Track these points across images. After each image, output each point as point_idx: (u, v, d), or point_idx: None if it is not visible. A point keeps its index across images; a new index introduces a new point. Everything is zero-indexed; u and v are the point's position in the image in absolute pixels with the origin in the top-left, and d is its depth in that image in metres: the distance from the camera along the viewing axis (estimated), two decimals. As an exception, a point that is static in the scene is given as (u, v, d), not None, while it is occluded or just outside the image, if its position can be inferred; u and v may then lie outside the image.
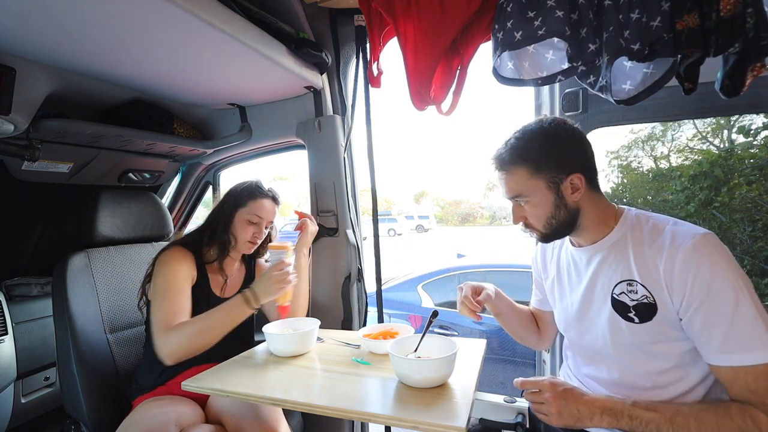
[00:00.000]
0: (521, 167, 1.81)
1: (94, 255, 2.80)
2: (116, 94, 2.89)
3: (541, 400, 1.79)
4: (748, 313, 1.48)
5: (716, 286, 1.52)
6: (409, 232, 43.35)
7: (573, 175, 1.77)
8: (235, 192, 2.74)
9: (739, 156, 5.42)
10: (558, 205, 1.81)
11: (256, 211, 2.67)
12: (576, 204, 1.82)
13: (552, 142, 1.79)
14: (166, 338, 2.24)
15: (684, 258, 1.58)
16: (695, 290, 1.56)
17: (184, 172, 4.03)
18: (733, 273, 1.53)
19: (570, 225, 1.86)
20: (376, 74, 2.93)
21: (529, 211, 1.87)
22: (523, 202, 1.87)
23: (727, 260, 1.55)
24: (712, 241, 1.58)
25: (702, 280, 1.54)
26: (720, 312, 1.52)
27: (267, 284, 2.31)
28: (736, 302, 1.49)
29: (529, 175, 1.80)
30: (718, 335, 1.52)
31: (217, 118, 3.64)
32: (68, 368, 2.53)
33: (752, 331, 1.47)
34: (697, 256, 1.56)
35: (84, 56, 2.28)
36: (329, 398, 1.74)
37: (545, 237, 1.92)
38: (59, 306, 2.60)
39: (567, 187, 1.78)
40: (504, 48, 2.10)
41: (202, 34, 2.10)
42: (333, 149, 3.20)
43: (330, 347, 2.43)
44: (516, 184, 1.84)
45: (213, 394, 1.95)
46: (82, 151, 2.98)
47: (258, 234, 2.70)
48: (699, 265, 1.55)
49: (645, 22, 1.78)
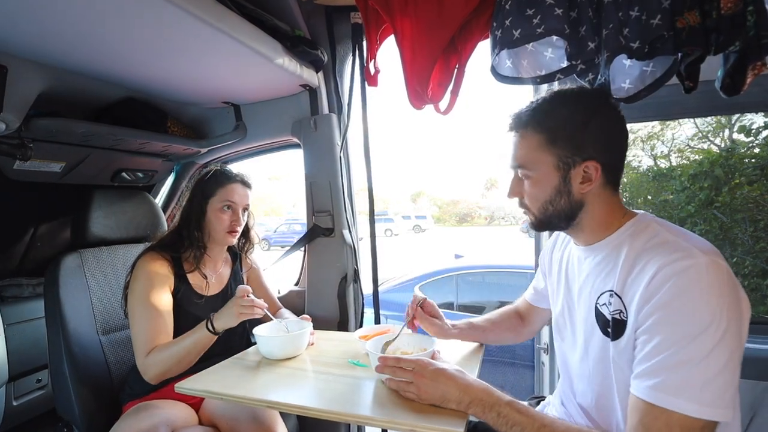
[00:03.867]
0: (536, 133, 1.63)
1: (86, 255, 2.79)
2: (109, 93, 2.89)
3: (407, 378, 1.69)
4: (710, 361, 1.28)
5: (689, 310, 1.31)
6: (406, 232, 43.34)
7: (590, 161, 1.57)
8: (202, 184, 2.68)
9: (740, 155, 5.43)
10: (560, 191, 1.63)
11: (227, 197, 2.61)
12: (581, 197, 1.63)
13: (582, 116, 1.59)
14: (144, 363, 2.27)
15: (669, 272, 1.37)
16: (661, 302, 1.37)
17: (178, 171, 4.01)
18: (721, 309, 1.30)
19: (567, 218, 1.68)
20: (372, 72, 2.93)
21: (528, 189, 1.70)
22: (524, 176, 1.70)
23: (722, 293, 1.31)
24: (715, 268, 1.34)
25: (675, 296, 1.34)
26: (676, 339, 1.32)
27: (228, 314, 2.27)
28: (705, 342, 1.28)
29: (540, 144, 1.62)
30: (661, 363, 1.33)
31: (211, 116, 3.64)
32: (60, 370, 2.53)
33: (701, 380, 1.27)
34: (687, 275, 1.34)
35: (77, 54, 2.28)
36: (325, 401, 1.74)
37: (538, 223, 1.74)
38: (51, 307, 2.60)
39: (578, 173, 1.59)
40: (502, 46, 2.10)
41: (196, 32, 2.10)
42: (329, 148, 3.20)
43: (326, 348, 2.43)
44: (523, 151, 1.67)
45: (207, 396, 1.95)
46: (75, 150, 2.98)
47: (236, 221, 2.64)
48: (682, 281, 1.34)
49: (645, 20, 1.78)
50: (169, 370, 2.26)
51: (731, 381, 1.30)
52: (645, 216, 1.64)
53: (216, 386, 1.93)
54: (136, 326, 2.33)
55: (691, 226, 5.77)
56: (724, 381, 1.28)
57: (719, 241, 5.58)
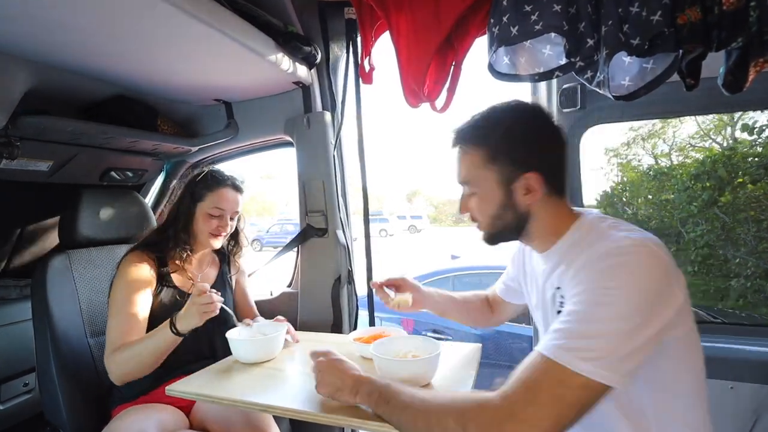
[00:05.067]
0: (477, 150, 1.68)
1: (74, 256, 2.78)
2: (98, 90, 2.87)
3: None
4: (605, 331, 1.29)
5: (608, 285, 1.35)
6: (402, 232, 43.24)
7: (530, 173, 1.61)
8: (192, 185, 2.69)
9: (742, 154, 5.44)
10: (505, 205, 1.67)
11: (216, 203, 2.62)
12: (527, 208, 1.67)
13: (516, 130, 1.64)
14: (108, 361, 2.26)
15: (595, 257, 1.43)
16: (583, 279, 1.43)
17: (169, 170, 3.98)
18: (642, 289, 1.33)
19: (517, 230, 1.73)
20: (367, 70, 2.92)
21: (475, 205, 1.75)
22: (470, 192, 1.75)
23: (645, 279, 1.34)
24: (642, 250, 1.39)
25: (597, 273, 1.40)
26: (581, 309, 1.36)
27: (189, 313, 2.22)
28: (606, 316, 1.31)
29: (482, 162, 1.66)
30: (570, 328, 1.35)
31: (202, 114, 3.63)
32: (48, 374, 2.51)
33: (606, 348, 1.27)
34: (609, 258, 1.40)
35: (65, 50, 2.27)
36: (318, 404, 1.73)
37: (488, 237, 1.79)
38: (38, 309, 2.58)
39: (520, 186, 1.63)
40: (500, 43, 2.10)
41: (187, 27, 2.08)
42: (322, 147, 3.19)
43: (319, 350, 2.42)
44: (466, 169, 1.72)
45: (198, 399, 1.94)
46: (63, 149, 2.95)
47: (222, 227, 2.65)
48: (605, 261, 1.40)
49: (645, 16, 1.77)
50: (132, 372, 2.25)
51: (633, 355, 1.31)
52: (590, 214, 1.71)
53: (208, 389, 1.93)
54: (109, 324, 2.34)
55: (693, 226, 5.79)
56: (626, 354, 1.29)
57: (721, 242, 5.59)
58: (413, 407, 1.46)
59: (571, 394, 1.27)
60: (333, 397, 1.66)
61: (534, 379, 1.32)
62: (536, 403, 1.28)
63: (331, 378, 1.67)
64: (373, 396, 1.56)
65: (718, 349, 2.54)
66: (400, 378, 1.77)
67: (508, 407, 1.31)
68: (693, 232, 5.76)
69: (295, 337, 2.59)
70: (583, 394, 1.28)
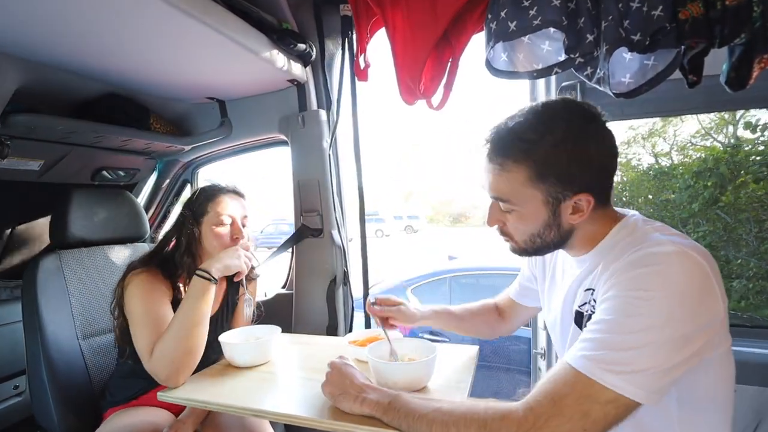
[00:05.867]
0: (520, 166, 1.48)
1: (66, 257, 2.76)
2: (90, 88, 2.86)
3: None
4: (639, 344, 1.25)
5: (645, 294, 1.28)
6: (398, 232, 43.20)
7: (582, 195, 1.48)
8: (189, 204, 2.52)
9: (745, 153, 5.43)
10: (550, 225, 1.56)
11: (221, 211, 2.42)
12: (571, 226, 1.57)
13: (572, 143, 1.45)
14: (153, 362, 2.07)
15: (633, 260, 1.38)
16: (618, 284, 1.37)
17: (161, 169, 3.99)
18: (681, 301, 1.26)
19: (556, 246, 1.64)
20: (363, 67, 2.92)
21: (512, 221, 1.61)
22: (508, 209, 1.59)
23: (686, 283, 1.28)
24: (685, 258, 1.31)
25: (627, 281, 1.34)
26: (615, 318, 1.31)
27: (230, 256, 2.27)
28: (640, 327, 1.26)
29: (527, 179, 1.48)
30: (602, 340, 1.30)
31: (195, 113, 3.62)
32: (38, 376, 2.50)
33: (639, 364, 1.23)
34: (646, 263, 1.34)
35: (55, 47, 2.26)
36: (314, 409, 1.72)
37: (521, 251, 1.68)
38: (29, 310, 2.57)
39: (568, 206, 1.51)
40: (497, 39, 2.08)
41: (180, 24, 2.08)
42: (317, 146, 3.19)
43: (314, 354, 2.41)
44: (505, 185, 1.54)
45: (191, 405, 1.93)
46: (54, 148, 2.95)
47: (237, 231, 2.45)
48: (644, 267, 1.34)
49: (646, 12, 1.77)
50: (177, 359, 2.06)
51: (667, 373, 1.26)
52: (633, 216, 1.61)
53: (200, 394, 1.92)
54: (138, 334, 2.17)
55: (694, 226, 5.78)
56: (660, 371, 1.25)
57: (723, 242, 5.59)
58: (428, 416, 1.42)
59: (598, 409, 1.24)
60: (335, 401, 1.65)
61: (560, 391, 1.29)
62: (561, 416, 1.26)
63: (339, 379, 1.68)
64: (381, 404, 1.54)
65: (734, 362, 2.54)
66: (395, 381, 1.78)
67: (532, 419, 1.28)
68: (694, 233, 5.76)
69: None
70: (611, 409, 1.25)
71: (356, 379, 1.66)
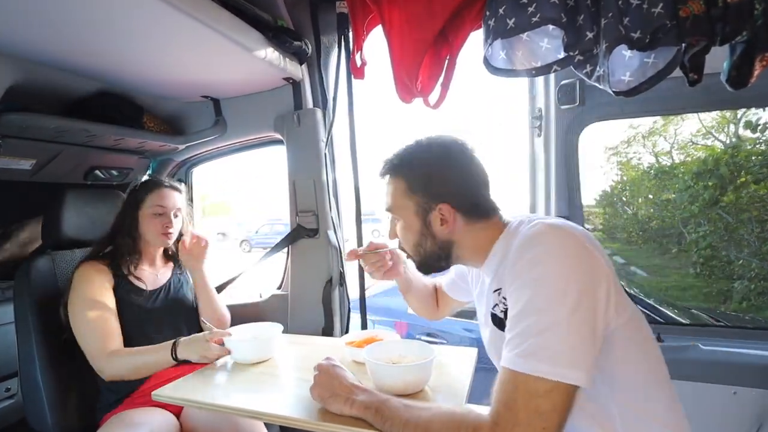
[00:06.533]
0: (400, 180, 1.79)
1: (58, 258, 2.75)
2: (82, 87, 2.85)
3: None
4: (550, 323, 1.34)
5: (531, 277, 1.42)
6: (396, 233, 43.10)
7: (442, 204, 1.70)
8: (132, 194, 2.80)
9: (746, 152, 5.43)
10: (424, 234, 1.77)
11: (156, 202, 2.70)
12: (447, 236, 1.75)
13: (429, 163, 1.74)
14: (106, 364, 2.35)
15: (518, 246, 1.52)
16: (515, 273, 1.48)
17: (155, 169, 3.96)
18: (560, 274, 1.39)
19: (442, 258, 1.81)
20: (359, 65, 2.90)
21: (399, 232, 1.86)
22: (395, 220, 1.87)
23: (565, 256, 1.42)
24: (555, 232, 1.48)
25: (520, 268, 1.46)
26: (523, 306, 1.41)
27: (191, 347, 2.33)
28: (545, 304, 1.36)
29: (403, 192, 1.77)
30: (521, 332, 1.38)
31: (189, 111, 3.61)
32: (31, 379, 2.49)
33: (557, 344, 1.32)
34: (529, 243, 1.48)
35: (47, 45, 2.25)
36: (309, 410, 1.72)
37: (419, 265, 1.89)
38: (21, 312, 2.56)
39: (436, 217, 1.72)
40: (496, 36, 2.08)
41: (174, 21, 2.07)
42: (313, 145, 3.18)
43: (310, 355, 2.40)
44: (390, 197, 1.83)
45: (186, 405, 1.93)
46: (46, 147, 2.93)
47: (168, 224, 2.72)
48: (526, 252, 1.47)
49: (646, 9, 1.76)
50: (125, 375, 2.37)
51: (586, 345, 1.34)
52: (513, 221, 1.75)
53: (196, 394, 1.91)
54: (84, 332, 2.40)
55: (695, 226, 5.78)
56: (579, 345, 1.32)
57: (724, 243, 5.59)
58: (410, 425, 1.46)
59: (544, 402, 1.29)
60: (325, 403, 1.66)
61: (510, 396, 1.35)
62: (519, 422, 1.30)
63: (327, 381, 1.68)
64: (370, 409, 1.56)
65: (721, 354, 2.53)
66: (393, 384, 1.78)
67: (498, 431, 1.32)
68: (695, 233, 5.76)
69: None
70: (556, 398, 1.29)
71: (345, 381, 1.68)
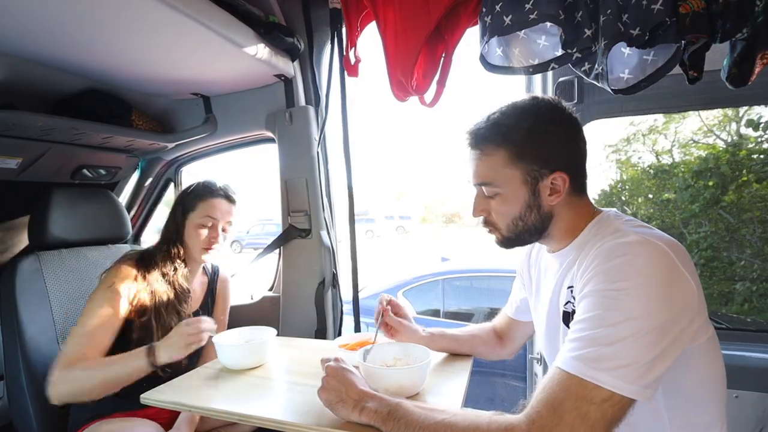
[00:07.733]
0: (500, 149, 1.64)
1: (45, 258, 2.75)
2: (69, 84, 2.84)
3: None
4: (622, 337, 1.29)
5: (612, 288, 1.36)
6: (389, 233, 43.14)
7: (557, 173, 1.61)
8: (183, 196, 2.68)
9: (747, 151, 5.44)
10: (530, 206, 1.67)
11: (207, 213, 2.59)
12: (551, 209, 1.68)
13: (544, 127, 1.62)
14: (58, 376, 2.14)
15: (603, 254, 1.45)
16: (588, 282, 1.45)
17: (144, 168, 3.97)
18: (643, 295, 1.32)
19: (537, 232, 1.73)
20: (353, 62, 2.91)
21: (495, 206, 1.72)
22: (491, 193, 1.71)
23: (652, 275, 1.34)
24: (650, 248, 1.39)
25: (603, 275, 1.40)
26: (596, 315, 1.36)
27: (173, 343, 2.18)
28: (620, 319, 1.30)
29: (506, 160, 1.64)
30: (587, 337, 1.34)
31: (179, 109, 3.61)
32: (17, 382, 2.49)
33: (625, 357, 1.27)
34: (618, 251, 1.41)
35: (34, 41, 2.24)
36: (303, 414, 1.72)
37: (505, 241, 1.78)
38: (7, 314, 2.55)
39: (546, 186, 1.63)
40: (492, 33, 2.08)
41: (163, 17, 2.07)
42: (305, 143, 3.18)
43: (303, 358, 2.41)
44: (488, 169, 1.68)
45: (176, 408, 1.92)
46: (33, 145, 2.92)
47: (214, 238, 2.61)
48: (611, 259, 1.41)
49: (645, 5, 1.76)
50: (77, 394, 2.14)
51: (655, 364, 1.30)
52: (608, 212, 1.71)
53: (187, 398, 1.91)
54: (72, 335, 2.26)
55: (695, 227, 5.79)
56: (647, 363, 1.28)
57: (725, 243, 5.60)
58: (430, 428, 1.42)
59: (595, 410, 1.26)
60: (332, 407, 1.63)
61: (557, 397, 1.31)
62: (562, 424, 1.27)
63: (337, 385, 1.65)
64: (380, 413, 1.53)
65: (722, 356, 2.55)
66: (387, 387, 1.76)
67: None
68: (696, 233, 5.77)
69: None
70: (608, 408, 1.27)
71: (356, 386, 1.63)
